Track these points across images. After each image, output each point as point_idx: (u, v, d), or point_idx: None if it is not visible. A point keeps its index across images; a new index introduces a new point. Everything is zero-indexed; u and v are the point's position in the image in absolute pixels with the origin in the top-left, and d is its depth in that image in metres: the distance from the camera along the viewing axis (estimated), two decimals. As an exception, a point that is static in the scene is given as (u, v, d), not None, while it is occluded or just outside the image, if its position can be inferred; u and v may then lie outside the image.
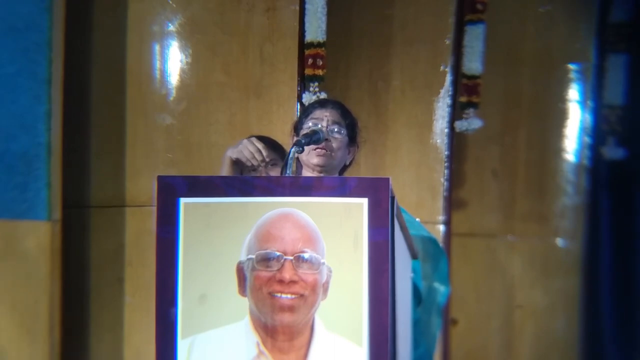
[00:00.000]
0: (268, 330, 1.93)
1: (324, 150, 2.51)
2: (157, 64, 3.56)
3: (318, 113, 2.61)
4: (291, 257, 1.93)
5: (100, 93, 3.54)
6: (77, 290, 3.47)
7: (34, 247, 3.12)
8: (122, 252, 3.53)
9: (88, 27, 3.51)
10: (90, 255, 3.52)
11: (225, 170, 2.50)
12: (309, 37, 3.65)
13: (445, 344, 4.27)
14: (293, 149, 2.34)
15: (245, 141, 2.49)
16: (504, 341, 4.55)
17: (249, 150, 2.46)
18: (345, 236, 1.92)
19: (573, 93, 4.59)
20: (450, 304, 4.26)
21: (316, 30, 3.65)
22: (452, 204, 4.27)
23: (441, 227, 4.15)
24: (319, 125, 2.53)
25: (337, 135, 2.56)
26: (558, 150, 4.59)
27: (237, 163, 2.50)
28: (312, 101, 3.49)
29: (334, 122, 2.58)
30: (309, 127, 2.53)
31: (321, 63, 3.66)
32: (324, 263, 1.93)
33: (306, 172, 2.59)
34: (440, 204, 4.15)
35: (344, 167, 2.68)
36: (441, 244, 3.93)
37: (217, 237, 1.98)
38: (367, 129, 2.88)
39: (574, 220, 4.61)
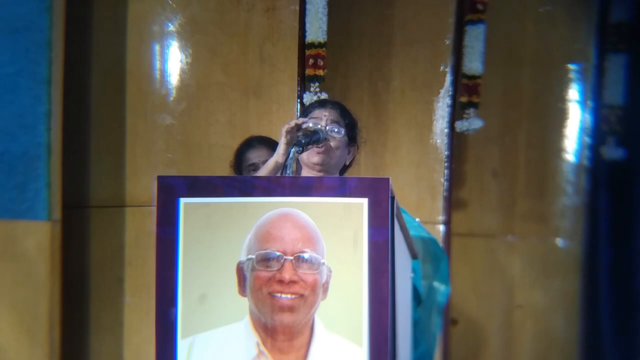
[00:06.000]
0: (268, 330, 1.94)
1: (323, 149, 2.52)
2: (157, 64, 3.56)
3: (317, 112, 2.62)
4: (291, 257, 1.94)
5: (100, 93, 3.53)
6: (77, 290, 3.47)
7: (34, 247, 3.12)
8: (122, 252, 3.52)
9: (88, 27, 3.51)
10: (90, 255, 3.51)
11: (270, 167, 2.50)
12: (310, 38, 3.65)
13: (445, 344, 4.27)
14: (293, 149, 2.34)
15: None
16: (504, 341, 4.55)
17: (289, 126, 2.45)
18: (345, 236, 1.93)
19: (573, 93, 4.59)
20: (450, 304, 4.26)
21: (317, 30, 3.65)
22: (452, 204, 4.26)
23: (441, 227, 4.15)
24: (319, 126, 2.53)
25: (336, 135, 2.57)
26: (558, 150, 4.58)
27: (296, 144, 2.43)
28: (312, 101, 3.49)
29: (333, 121, 2.58)
30: (309, 127, 2.53)
31: (322, 63, 3.67)
32: (323, 263, 1.93)
33: (306, 172, 2.59)
34: (440, 204, 4.15)
35: (345, 167, 2.69)
36: (441, 244, 3.93)
37: (217, 237, 1.98)
38: (367, 129, 2.89)
39: (574, 220, 4.60)
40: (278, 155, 2.46)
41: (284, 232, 1.95)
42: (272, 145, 3.17)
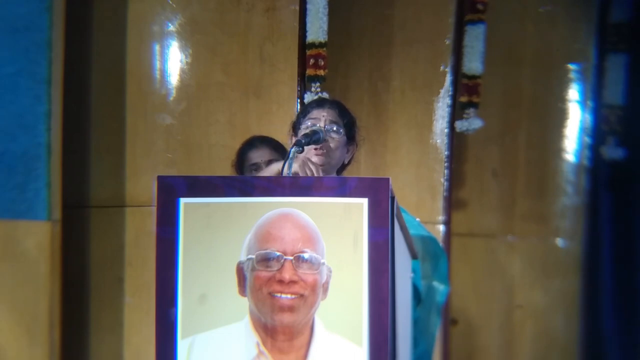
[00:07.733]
0: (268, 330, 1.94)
1: (322, 151, 2.52)
2: (157, 64, 3.56)
3: (316, 113, 2.61)
4: (291, 257, 1.94)
5: (100, 93, 3.53)
6: (77, 290, 3.47)
7: (34, 247, 3.12)
8: (122, 252, 3.52)
9: (88, 27, 3.51)
10: (90, 255, 3.51)
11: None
12: (311, 38, 3.66)
13: (445, 344, 4.27)
14: (293, 149, 2.34)
15: (302, 158, 2.42)
16: (504, 341, 4.55)
17: (306, 171, 2.40)
18: (345, 236, 1.93)
19: (573, 93, 4.59)
20: (450, 304, 4.26)
21: (317, 30, 3.65)
22: (452, 204, 4.26)
23: (441, 227, 4.15)
24: (317, 125, 2.53)
25: (334, 135, 2.56)
26: (558, 150, 4.59)
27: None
28: (310, 101, 3.49)
29: (332, 122, 2.58)
30: (308, 127, 2.53)
31: (322, 63, 3.66)
32: (323, 263, 1.93)
33: (305, 172, 2.59)
34: (440, 204, 4.15)
35: (344, 166, 2.69)
36: (441, 244, 3.93)
37: (217, 237, 1.98)
38: (367, 129, 2.89)
39: (574, 220, 4.61)
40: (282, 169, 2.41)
41: (284, 232, 1.95)
42: (274, 145, 3.18)
